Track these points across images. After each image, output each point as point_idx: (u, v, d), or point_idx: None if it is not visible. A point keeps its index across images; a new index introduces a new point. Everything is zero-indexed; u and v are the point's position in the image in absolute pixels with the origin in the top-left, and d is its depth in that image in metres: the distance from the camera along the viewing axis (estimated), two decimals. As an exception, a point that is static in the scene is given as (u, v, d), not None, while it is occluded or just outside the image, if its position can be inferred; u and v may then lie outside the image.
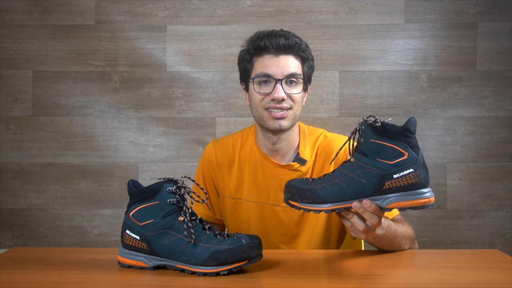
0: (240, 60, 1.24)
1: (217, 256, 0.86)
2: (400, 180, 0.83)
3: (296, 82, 1.17)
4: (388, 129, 0.85)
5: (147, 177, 2.14)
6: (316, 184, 0.89)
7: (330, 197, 0.87)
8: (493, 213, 2.11)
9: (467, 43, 2.10)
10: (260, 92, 1.17)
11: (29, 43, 2.14)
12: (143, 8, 2.13)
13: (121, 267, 0.94)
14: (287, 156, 1.25)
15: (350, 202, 0.86)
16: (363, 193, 0.85)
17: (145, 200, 0.92)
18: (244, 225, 1.27)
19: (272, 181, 1.24)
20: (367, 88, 2.11)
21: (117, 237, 2.12)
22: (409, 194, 0.83)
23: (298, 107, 1.19)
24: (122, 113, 2.14)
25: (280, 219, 1.25)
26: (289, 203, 0.92)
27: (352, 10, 2.11)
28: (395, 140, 0.85)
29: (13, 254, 1.05)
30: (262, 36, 1.18)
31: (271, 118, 1.17)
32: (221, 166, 1.30)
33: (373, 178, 0.84)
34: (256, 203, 1.26)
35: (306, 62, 1.21)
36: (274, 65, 1.16)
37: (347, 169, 0.87)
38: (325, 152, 1.24)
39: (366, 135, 0.86)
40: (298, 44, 1.18)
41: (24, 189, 2.15)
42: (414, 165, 0.84)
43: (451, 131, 2.11)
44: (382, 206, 0.85)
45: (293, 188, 0.91)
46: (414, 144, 0.85)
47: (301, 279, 0.86)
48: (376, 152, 0.85)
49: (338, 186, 0.87)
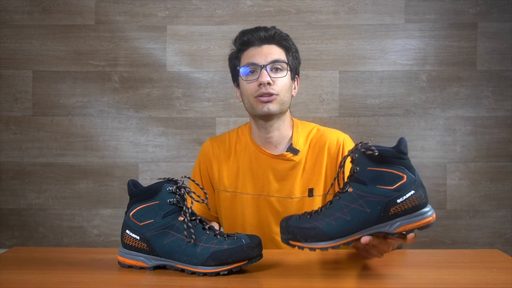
0: (229, 60, 1.33)
1: (217, 256, 0.86)
2: (404, 204, 0.83)
3: (281, 69, 1.24)
4: (384, 155, 0.84)
5: (147, 177, 2.14)
6: (317, 220, 0.86)
7: (336, 232, 0.84)
8: (493, 213, 2.11)
9: (467, 43, 2.10)
10: (247, 80, 1.23)
11: (29, 43, 2.14)
12: (143, 8, 2.13)
13: (121, 267, 0.94)
14: (280, 147, 1.30)
15: (357, 234, 0.84)
16: (369, 223, 0.84)
17: (145, 200, 0.92)
18: (239, 218, 1.30)
19: (266, 172, 1.28)
20: (367, 88, 2.11)
21: (117, 237, 2.12)
22: (413, 216, 0.83)
23: (285, 94, 1.24)
24: (122, 113, 2.14)
25: (275, 210, 1.27)
26: (290, 243, 0.88)
27: (352, 10, 2.11)
28: (392, 165, 0.84)
29: (13, 254, 1.05)
30: (245, 32, 1.28)
31: (259, 103, 1.22)
32: (217, 158, 1.34)
33: (377, 206, 0.83)
34: (252, 195, 1.29)
35: (289, 51, 1.27)
36: (258, 54, 1.24)
37: (347, 200, 0.85)
38: (319, 144, 1.29)
39: (361, 163, 0.86)
40: (278, 33, 1.26)
41: (24, 189, 2.15)
42: (414, 186, 0.84)
43: (451, 131, 2.11)
44: (389, 232, 0.84)
45: (293, 229, 0.87)
46: (409, 165, 0.85)
47: (301, 279, 0.86)
48: (375, 179, 0.84)
49: (343, 220, 0.84)
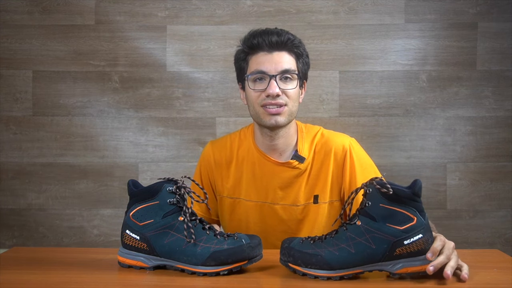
0: (236, 60, 1.25)
1: (217, 256, 0.86)
2: (410, 246, 0.83)
3: (291, 78, 1.18)
4: (398, 194, 0.84)
5: (147, 177, 2.14)
6: (321, 247, 0.86)
7: (339, 264, 0.84)
8: (493, 213, 2.11)
9: (467, 43, 2.10)
10: (255, 89, 1.18)
11: (29, 43, 2.14)
12: (143, 8, 2.13)
13: (121, 267, 0.94)
14: (285, 154, 1.25)
15: (358, 269, 0.84)
16: (372, 259, 0.84)
17: (145, 200, 0.92)
18: (242, 225, 1.27)
19: (271, 180, 1.24)
20: (367, 88, 2.11)
21: (117, 237, 2.12)
22: (417, 260, 0.83)
23: (293, 103, 1.19)
24: (122, 113, 2.14)
25: (279, 217, 1.25)
26: (288, 266, 0.88)
27: (352, 10, 2.11)
28: (404, 205, 0.84)
29: (13, 254, 1.05)
30: (255, 34, 1.19)
31: (267, 115, 1.17)
32: (219, 166, 1.30)
33: (384, 244, 0.83)
34: (255, 202, 1.26)
35: (300, 58, 1.21)
36: (268, 61, 1.16)
37: (353, 233, 0.85)
38: (324, 150, 1.24)
39: (374, 199, 0.85)
40: (291, 40, 1.18)
41: (24, 189, 2.15)
42: (423, 230, 0.83)
43: (451, 131, 2.11)
44: (391, 272, 0.84)
45: (295, 252, 0.87)
46: (421, 208, 0.85)
47: (301, 279, 0.86)
48: (386, 217, 0.83)
49: (347, 252, 0.84)
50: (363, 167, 1.23)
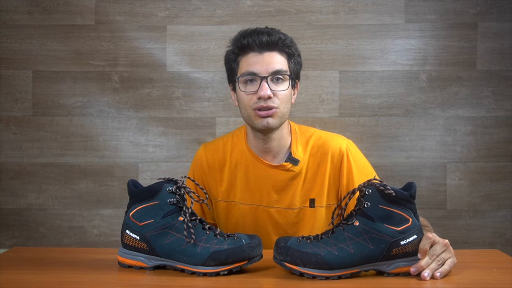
0: (226, 61, 1.24)
1: (217, 256, 0.86)
2: (405, 246, 0.85)
3: (283, 79, 1.15)
4: (398, 196, 0.86)
5: (147, 177, 2.14)
6: (318, 247, 0.86)
7: (338, 263, 0.85)
8: (493, 213, 2.11)
9: (467, 43, 2.10)
10: (246, 91, 1.16)
11: (29, 43, 2.14)
12: (143, 8, 2.13)
13: (121, 267, 0.94)
14: (279, 156, 1.23)
15: (356, 268, 0.85)
16: (370, 259, 0.85)
17: (145, 200, 0.92)
18: (238, 228, 1.26)
19: (265, 182, 1.23)
20: (367, 88, 2.11)
21: (117, 237, 2.12)
22: (411, 260, 0.86)
23: (285, 105, 1.16)
24: (122, 113, 2.14)
25: (274, 221, 1.23)
26: (285, 265, 0.87)
27: (352, 10, 2.11)
28: (401, 207, 0.86)
29: (13, 254, 1.06)
30: (245, 34, 1.17)
31: (258, 117, 1.15)
32: (212, 169, 1.28)
33: (382, 245, 0.85)
34: (250, 205, 1.24)
35: (292, 58, 1.18)
36: (259, 63, 1.14)
37: (351, 233, 0.86)
38: (320, 152, 1.22)
39: (374, 200, 0.86)
40: (282, 39, 1.15)
41: (24, 189, 2.15)
42: (416, 231, 0.86)
43: (451, 131, 2.11)
44: (386, 271, 0.86)
45: (293, 251, 0.86)
46: (415, 210, 0.88)
47: (301, 279, 0.86)
48: (384, 218, 0.86)
49: (346, 252, 0.85)
50: (360, 169, 1.22)
